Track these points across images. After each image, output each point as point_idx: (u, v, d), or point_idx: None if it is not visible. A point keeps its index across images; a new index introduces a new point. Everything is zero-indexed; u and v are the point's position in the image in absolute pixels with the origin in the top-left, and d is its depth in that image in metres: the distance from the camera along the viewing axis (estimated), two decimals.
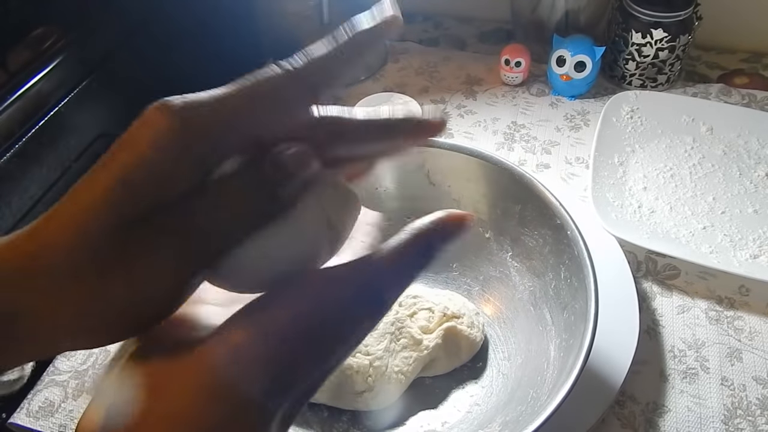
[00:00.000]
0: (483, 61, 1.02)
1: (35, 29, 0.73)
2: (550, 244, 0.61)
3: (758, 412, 0.61)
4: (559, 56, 0.90)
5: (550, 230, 0.61)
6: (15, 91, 0.68)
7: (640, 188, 0.79)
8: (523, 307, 0.64)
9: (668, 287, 0.71)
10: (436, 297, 0.64)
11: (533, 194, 0.62)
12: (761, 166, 0.81)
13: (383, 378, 0.58)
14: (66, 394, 0.64)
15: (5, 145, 0.67)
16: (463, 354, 0.63)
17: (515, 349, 0.63)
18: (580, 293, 0.55)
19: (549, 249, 0.61)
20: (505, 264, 0.67)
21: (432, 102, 0.96)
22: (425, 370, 0.62)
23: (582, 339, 0.51)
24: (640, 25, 0.88)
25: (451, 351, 0.62)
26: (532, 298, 0.63)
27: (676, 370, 0.64)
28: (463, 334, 0.62)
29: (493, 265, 0.68)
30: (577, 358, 0.50)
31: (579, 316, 0.54)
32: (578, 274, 0.56)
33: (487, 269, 0.69)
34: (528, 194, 0.62)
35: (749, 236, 0.72)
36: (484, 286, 0.69)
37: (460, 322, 0.63)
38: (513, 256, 0.66)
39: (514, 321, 0.65)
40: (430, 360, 0.61)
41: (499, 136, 0.90)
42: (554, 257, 0.60)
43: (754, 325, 0.67)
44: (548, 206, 0.60)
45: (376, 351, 0.58)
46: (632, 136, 0.85)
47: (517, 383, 0.60)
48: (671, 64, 0.92)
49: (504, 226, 0.66)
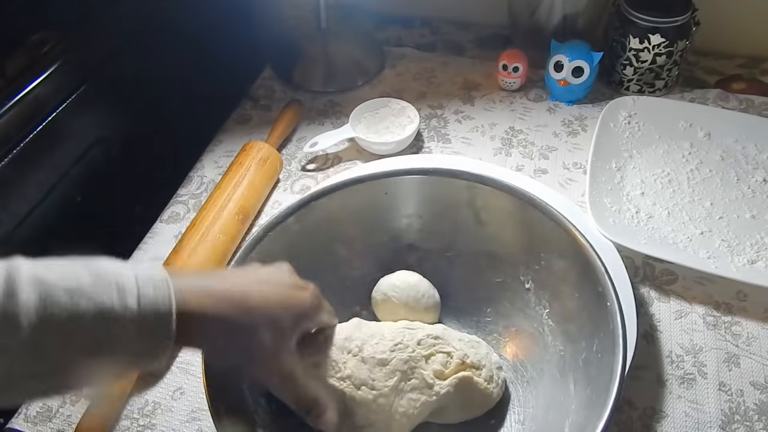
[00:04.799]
0: (480, 67, 1.02)
1: (33, 35, 0.73)
2: (589, 311, 0.56)
3: (756, 417, 0.61)
4: (556, 61, 0.90)
5: (591, 296, 0.56)
6: (13, 96, 0.68)
7: (637, 193, 0.79)
8: (550, 370, 0.59)
9: (666, 292, 0.71)
10: (458, 342, 0.60)
11: (580, 253, 0.57)
12: (759, 172, 0.81)
13: (385, 416, 0.55)
14: (64, 400, 0.64)
15: (3, 150, 0.67)
16: (476, 407, 0.59)
17: (532, 415, 0.59)
18: (606, 372, 0.51)
19: (587, 316, 0.56)
20: (540, 320, 0.62)
21: (430, 107, 0.96)
22: (434, 416, 0.58)
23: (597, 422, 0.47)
24: (637, 30, 0.88)
25: (463, 402, 0.58)
26: (561, 363, 0.58)
27: (673, 375, 0.64)
28: (478, 387, 0.58)
29: (527, 319, 0.63)
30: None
31: (600, 395, 0.50)
32: (610, 352, 0.51)
33: (521, 322, 0.64)
34: (575, 252, 0.58)
35: (747, 241, 0.73)
36: (515, 338, 0.64)
37: (478, 373, 0.58)
38: (550, 314, 0.61)
39: (538, 383, 0.60)
40: (438, 407, 0.57)
41: (496, 141, 0.90)
42: (591, 326, 0.56)
43: (752, 330, 0.68)
44: (594, 270, 0.56)
45: (382, 387, 0.55)
46: (630, 142, 0.85)
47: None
48: (669, 70, 0.92)
49: (545, 280, 0.62)
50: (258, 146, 0.84)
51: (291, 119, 0.92)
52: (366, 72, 1.02)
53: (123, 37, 0.83)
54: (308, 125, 0.94)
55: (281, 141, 0.90)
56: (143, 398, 0.64)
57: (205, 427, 0.62)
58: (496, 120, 0.93)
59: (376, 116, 0.90)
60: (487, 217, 0.65)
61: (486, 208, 0.64)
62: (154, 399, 0.64)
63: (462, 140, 0.91)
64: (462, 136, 0.91)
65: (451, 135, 0.91)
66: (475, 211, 0.65)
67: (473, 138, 0.91)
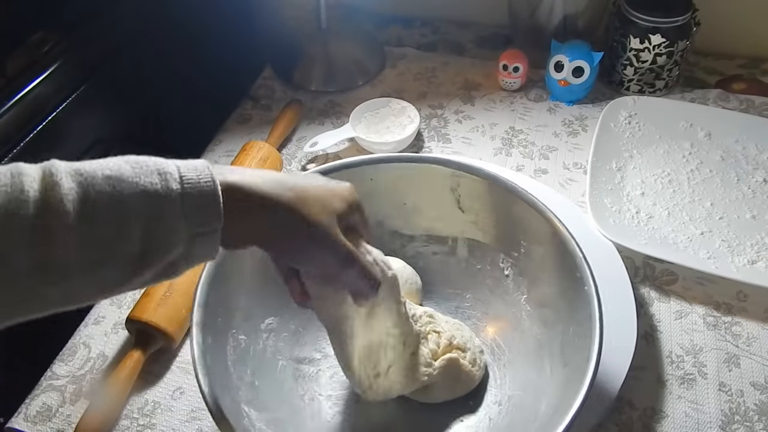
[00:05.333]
0: (481, 67, 1.02)
1: (33, 34, 0.73)
2: (567, 296, 0.58)
3: (756, 418, 0.61)
4: (557, 61, 0.90)
5: (568, 281, 0.57)
6: (13, 96, 0.68)
7: (637, 194, 0.79)
8: (527, 353, 0.61)
9: (666, 293, 0.71)
10: (446, 323, 0.62)
11: (559, 240, 0.58)
12: (759, 172, 0.81)
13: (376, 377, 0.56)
14: (64, 399, 0.64)
15: (3, 150, 0.67)
16: (459, 388, 0.61)
17: (508, 396, 0.61)
18: (583, 352, 0.52)
19: (565, 301, 0.58)
20: (518, 305, 0.64)
21: (430, 107, 0.96)
22: (418, 394, 0.60)
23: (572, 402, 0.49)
24: (638, 30, 0.88)
25: (448, 382, 0.60)
26: (537, 347, 0.60)
27: (673, 375, 0.64)
28: (464, 369, 0.60)
29: (506, 305, 0.65)
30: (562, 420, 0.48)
31: (576, 376, 0.51)
32: (586, 334, 0.52)
33: (500, 307, 0.66)
34: (553, 239, 0.59)
35: (747, 242, 0.72)
36: (493, 323, 0.66)
37: (463, 356, 0.60)
38: (528, 300, 0.63)
39: (515, 366, 0.62)
40: (424, 386, 0.59)
41: (497, 141, 0.90)
42: (568, 311, 0.57)
43: (752, 330, 0.67)
44: (572, 256, 0.57)
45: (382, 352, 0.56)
46: (630, 142, 0.85)
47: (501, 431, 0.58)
48: (669, 70, 0.92)
49: (525, 267, 0.64)
50: (258, 146, 0.84)
51: (291, 119, 0.92)
52: (366, 72, 1.02)
53: (123, 37, 0.83)
54: (308, 125, 0.94)
55: (281, 141, 0.90)
56: (143, 398, 0.64)
57: (205, 427, 0.62)
58: (496, 120, 0.93)
59: (376, 116, 0.90)
60: (469, 205, 0.66)
61: (468, 195, 0.65)
62: (154, 399, 0.64)
63: (462, 140, 0.91)
64: (462, 136, 0.91)
65: (452, 135, 0.91)
66: (457, 199, 0.66)
67: (473, 138, 0.91)
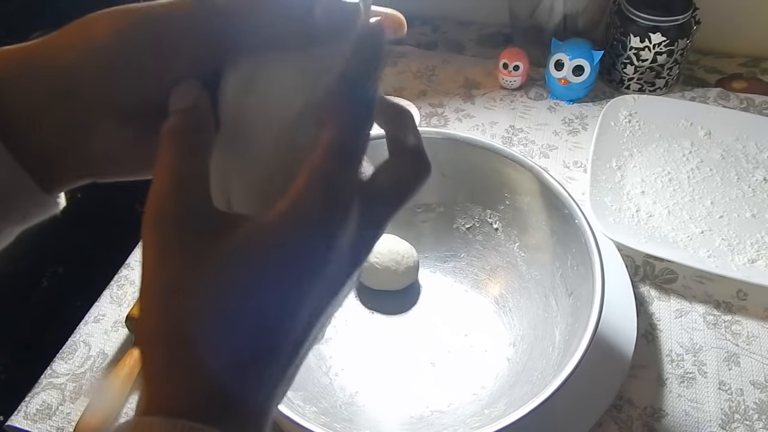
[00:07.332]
0: (481, 65, 1.02)
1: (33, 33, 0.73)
2: (558, 234, 0.62)
3: (756, 417, 0.61)
4: (557, 60, 0.90)
5: (558, 221, 0.61)
6: None
7: (638, 192, 0.79)
8: (530, 295, 0.65)
9: (666, 291, 0.71)
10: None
11: (542, 185, 0.63)
12: (759, 171, 0.81)
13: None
14: (64, 397, 0.64)
15: None
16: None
17: (520, 336, 0.64)
18: (587, 279, 0.55)
19: (557, 239, 0.62)
20: (512, 254, 0.68)
21: (430, 105, 0.96)
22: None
23: (587, 321, 0.51)
24: (638, 29, 0.88)
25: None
26: (539, 286, 0.64)
27: (673, 374, 0.64)
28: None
29: (500, 256, 0.69)
30: (582, 338, 0.50)
31: (584, 300, 0.54)
32: (585, 261, 0.56)
33: (495, 259, 0.70)
34: (536, 186, 0.63)
35: (747, 240, 0.73)
36: (491, 275, 0.70)
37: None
38: (521, 247, 0.67)
39: (520, 308, 0.66)
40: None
41: (497, 139, 0.90)
42: (561, 246, 0.61)
43: (752, 329, 0.68)
44: (557, 197, 0.61)
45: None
46: (630, 140, 0.85)
47: (522, 367, 0.61)
48: (669, 68, 0.92)
49: (512, 218, 0.68)
50: None
51: None
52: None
53: None
54: None
55: None
56: None
57: None
58: (496, 118, 0.93)
59: None
60: (450, 170, 0.69)
61: (448, 161, 0.68)
62: None
63: None
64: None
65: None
66: (438, 166, 0.68)
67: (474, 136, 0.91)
